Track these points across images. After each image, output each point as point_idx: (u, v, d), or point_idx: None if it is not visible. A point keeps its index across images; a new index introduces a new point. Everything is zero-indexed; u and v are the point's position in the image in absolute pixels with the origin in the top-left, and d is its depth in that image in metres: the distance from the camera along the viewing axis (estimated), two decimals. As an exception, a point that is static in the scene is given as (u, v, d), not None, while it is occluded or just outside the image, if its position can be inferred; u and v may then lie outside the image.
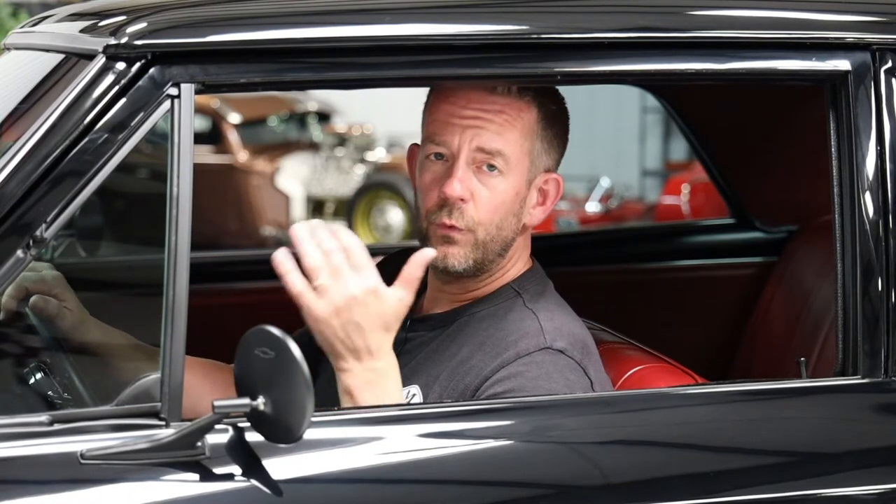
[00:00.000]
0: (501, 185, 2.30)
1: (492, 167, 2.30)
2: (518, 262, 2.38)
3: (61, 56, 2.16)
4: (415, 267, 2.18)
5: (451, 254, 2.31)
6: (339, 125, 12.94)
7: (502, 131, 2.30)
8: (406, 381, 2.32)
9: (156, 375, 1.99)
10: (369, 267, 2.14)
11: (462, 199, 2.28)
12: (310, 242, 2.13)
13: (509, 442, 2.14)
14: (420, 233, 2.35)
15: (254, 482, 2.00)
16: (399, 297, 2.16)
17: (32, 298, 2.33)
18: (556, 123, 2.37)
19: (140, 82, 2.04)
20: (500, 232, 2.32)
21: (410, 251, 2.52)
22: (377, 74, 2.18)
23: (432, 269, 2.36)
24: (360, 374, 2.15)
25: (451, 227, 2.30)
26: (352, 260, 2.13)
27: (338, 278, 2.12)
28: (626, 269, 3.62)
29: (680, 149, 12.89)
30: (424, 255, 2.19)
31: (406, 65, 2.17)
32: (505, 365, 2.25)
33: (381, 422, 2.12)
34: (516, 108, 2.31)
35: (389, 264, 2.53)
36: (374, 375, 2.16)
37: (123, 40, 2.05)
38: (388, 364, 2.18)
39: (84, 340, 2.34)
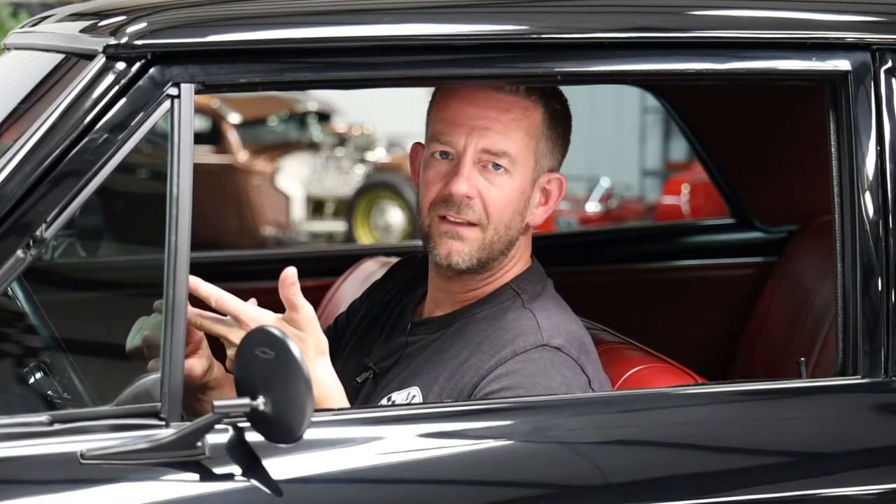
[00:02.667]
0: (507, 184, 2.31)
1: (497, 166, 2.30)
2: (519, 262, 2.38)
3: (61, 56, 2.16)
4: (286, 289, 2.15)
5: (455, 251, 2.30)
6: (339, 125, 12.94)
7: (508, 131, 2.30)
8: (406, 383, 2.33)
9: (156, 375, 1.99)
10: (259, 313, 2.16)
11: (468, 197, 2.29)
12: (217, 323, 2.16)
13: (509, 442, 2.14)
14: (422, 230, 2.35)
15: (254, 482, 2.00)
16: (300, 315, 2.15)
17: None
18: (560, 123, 2.37)
19: (140, 82, 2.04)
20: (508, 231, 2.32)
21: (417, 256, 2.53)
22: (377, 74, 2.18)
23: (435, 267, 2.36)
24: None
25: (458, 223, 2.29)
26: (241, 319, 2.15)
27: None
28: (626, 269, 3.62)
29: (680, 149, 12.89)
30: (288, 273, 2.16)
31: (406, 65, 2.17)
32: (502, 362, 2.25)
33: (381, 422, 2.12)
34: (522, 107, 2.31)
35: (400, 269, 2.54)
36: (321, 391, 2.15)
37: (123, 40, 2.05)
38: (326, 378, 2.18)
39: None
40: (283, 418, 1.93)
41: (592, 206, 10.04)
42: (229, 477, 2.00)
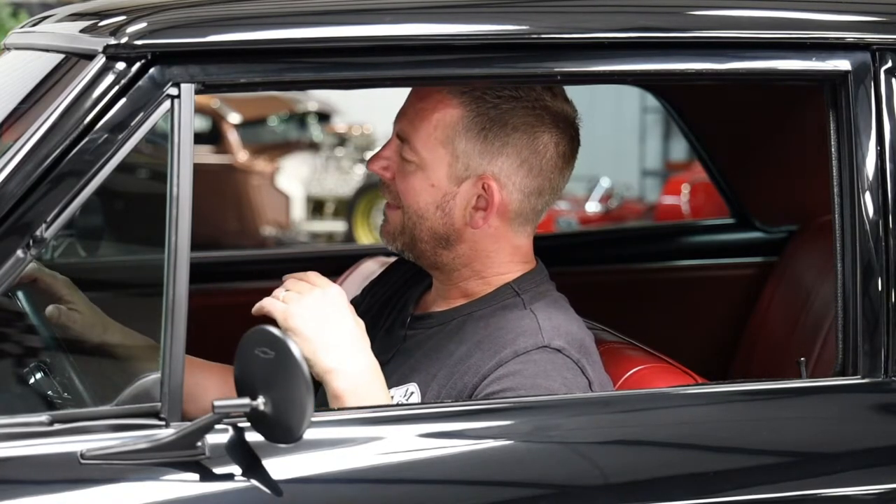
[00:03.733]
0: (414, 173, 2.33)
1: (405, 154, 2.34)
2: (502, 264, 2.36)
3: (61, 56, 2.16)
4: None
5: (382, 230, 2.41)
6: (339, 125, 12.94)
7: (414, 119, 2.34)
8: (404, 379, 2.33)
9: (156, 375, 1.99)
10: (323, 278, 2.25)
11: (384, 176, 2.37)
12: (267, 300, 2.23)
13: (509, 442, 2.14)
14: None
15: (254, 482, 2.00)
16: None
17: (48, 309, 2.34)
18: (501, 129, 2.31)
19: (140, 82, 2.04)
20: (423, 221, 2.34)
21: None
22: (377, 74, 2.18)
23: None
24: (348, 378, 2.17)
25: (387, 206, 2.39)
26: (306, 278, 2.24)
27: (296, 286, 2.23)
28: (626, 269, 3.62)
29: (680, 149, 12.89)
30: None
31: (406, 65, 2.17)
32: (503, 363, 2.25)
33: (381, 422, 2.12)
34: (435, 100, 2.32)
35: (404, 263, 2.54)
36: (361, 379, 2.18)
37: (123, 40, 2.05)
38: (372, 364, 2.21)
39: (98, 341, 2.35)
40: (283, 418, 1.93)
41: (592, 206, 10.03)
42: (229, 477, 2.00)
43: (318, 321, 2.19)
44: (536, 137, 2.33)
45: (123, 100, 2.04)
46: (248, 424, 1.98)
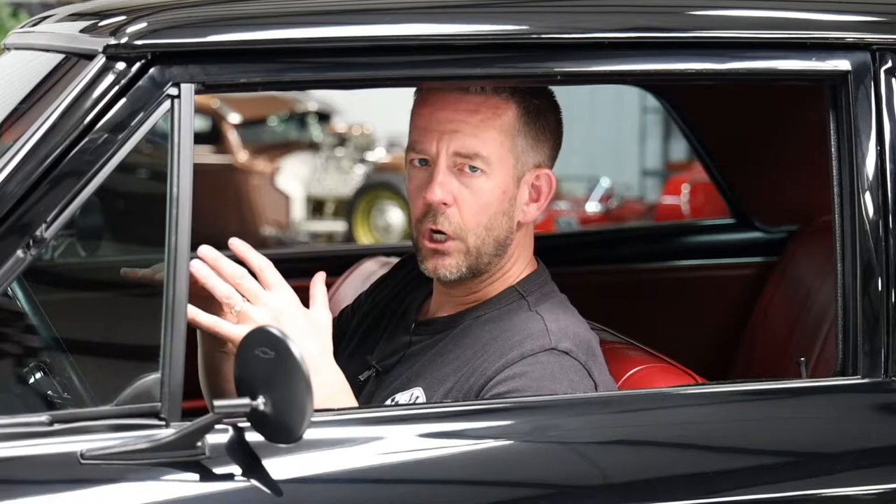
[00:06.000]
0: (486, 186, 2.30)
1: (473, 168, 2.29)
2: (519, 262, 2.38)
3: (61, 56, 2.16)
4: (318, 285, 2.20)
5: (441, 265, 2.31)
6: (339, 125, 12.94)
7: (478, 132, 2.29)
8: (410, 384, 2.33)
9: (156, 375, 1.99)
10: (283, 283, 2.16)
11: (445, 204, 2.28)
12: (212, 276, 2.13)
13: (510, 442, 2.14)
14: (413, 242, 2.36)
15: (254, 482, 2.00)
16: (316, 313, 2.18)
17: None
18: (540, 118, 2.35)
19: (140, 82, 2.04)
20: (491, 233, 2.31)
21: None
22: (377, 74, 2.18)
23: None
24: (321, 389, 2.11)
25: (439, 237, 2.29)
26: (264, 279, 2.15)
27: (256, 300, 2.13)
28: (626, 269, 3.62)
29: (680, 149, 12.90)
30: (320, 276, 2.19)
31: (406, 65, 2.17)
32: (509, 365, 2.24)
33: (381, 422, 2.12)
34: (492, 106, 2.30)
35: (407, 265, 2.53)
36: (333, 388, 2.16)
37: (123, 40, 2.05)
38: (336, 371, 2.18)
39: None
40: (283, 418, 1.93)
41: (592, 206, 10.04)
42: (229, 477, 2.00)
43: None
44: (558, 119, 2.38)
45: (123, 100, 2.04)
46: (248, 424, 1.98)
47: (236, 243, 2.15)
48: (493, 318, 2.34)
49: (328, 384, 2.15)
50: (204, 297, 2.15)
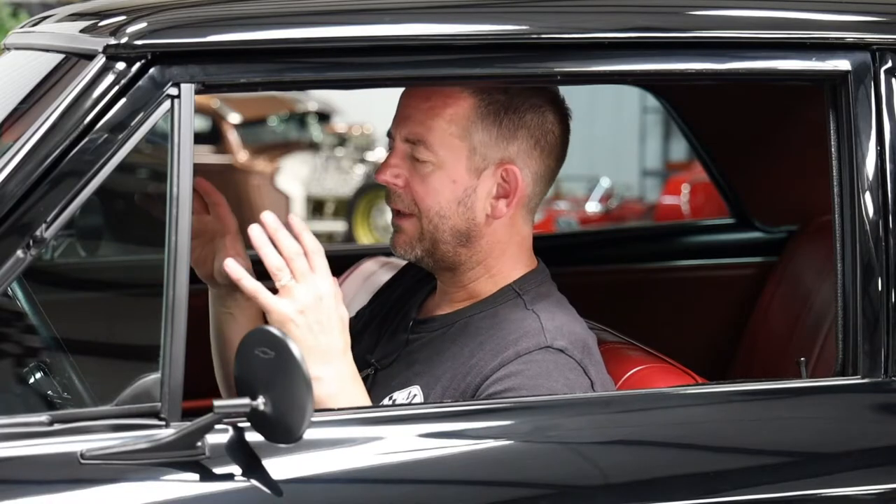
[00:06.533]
0: (432, 174, 2.31)
1: (420, 155, 2.31)
2: (512, 260, 2.37)
3: (61, 56, 2.16)
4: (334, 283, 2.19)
5: (397, 242, 2.35)
6: (339, 125, 12.95)
7: (425, 119, 2.31)
8: (408, 382, 2.33)
9: (156, 375, 1.99)
10: (328, 272, 2.16)
11: (395, 185, 2.32)
12: (267, 244, 2.13)
13: (509, 442, 2.14)
14: None
15: (254, 482, 2.00)
16: (341, 308, 2.19)
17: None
18: (510, 114, 2.32)
19: (140, 82, 2.04)
20: (445, 220, 2.32)
21: None
22: (377, 74, 2.18)
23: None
24: (333, 382, 2.15)
25: (397, 213, 2.34)
26: (313, 262, 2.15)
27: (302, 280, 2.13)
28: (626, 269, 3.62)
29: (680, 149, 12.90)
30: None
31: (406, 65, 2.17)
32: (505, 364, 2.25)
33: (381, 422, 2.12)
34: (444, 95, 2.31)
35: (411, 268, 2.53)
36: (345, 383, 2.16)
37: (123, 40, 2.05)
38: (353, 369, 2.20)
39: None
40: (283, 418, 1.93)
41: (592, 206, 10.04)
42: (229, 477, 2.00)
43: (314, 331, 2.14)
44: (545, 117, 2.35)
45: (123, 100, 2.03)
46: (248, 424, 1.98)
47: (296, 221, 2.15)
48: (489, 317, 2.34)
49: (348, 377, 2.17)
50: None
